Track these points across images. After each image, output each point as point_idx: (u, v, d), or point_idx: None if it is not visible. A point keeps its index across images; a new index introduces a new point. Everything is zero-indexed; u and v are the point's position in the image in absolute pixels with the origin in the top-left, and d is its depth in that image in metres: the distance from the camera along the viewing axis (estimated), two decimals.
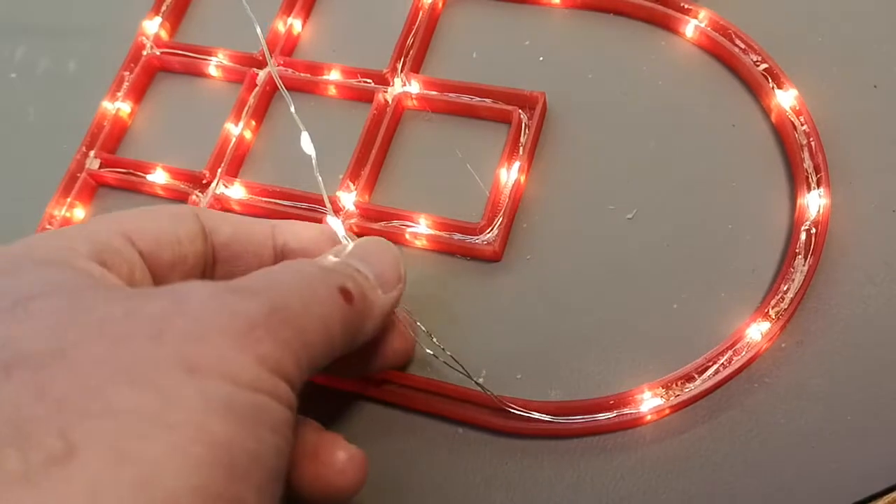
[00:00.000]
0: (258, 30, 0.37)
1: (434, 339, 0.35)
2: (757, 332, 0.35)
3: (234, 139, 0.44)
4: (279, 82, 0.37)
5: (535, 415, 0.35)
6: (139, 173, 0.45)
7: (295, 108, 0.33)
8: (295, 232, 0.35)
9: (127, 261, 0.29)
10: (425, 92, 0.43)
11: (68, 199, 0.45)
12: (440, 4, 0.46)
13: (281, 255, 0.35)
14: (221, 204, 0.43)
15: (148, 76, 0.49)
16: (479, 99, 0.42)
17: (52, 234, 0.29)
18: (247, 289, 0.26)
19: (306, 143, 0.34)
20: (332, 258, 0.32)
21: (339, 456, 0.30)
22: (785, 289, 0.36)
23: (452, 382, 0.36)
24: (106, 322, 0.24)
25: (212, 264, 0.34)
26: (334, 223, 0.34)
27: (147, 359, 0.23)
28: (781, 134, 0.39)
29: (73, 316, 0.24)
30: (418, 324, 0.35)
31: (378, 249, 0.33)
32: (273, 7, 0.47)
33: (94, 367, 0.22)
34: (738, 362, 0.35)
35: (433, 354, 0.35)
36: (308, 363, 0.26)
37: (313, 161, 0.34)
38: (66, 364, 0.22)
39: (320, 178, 0.34)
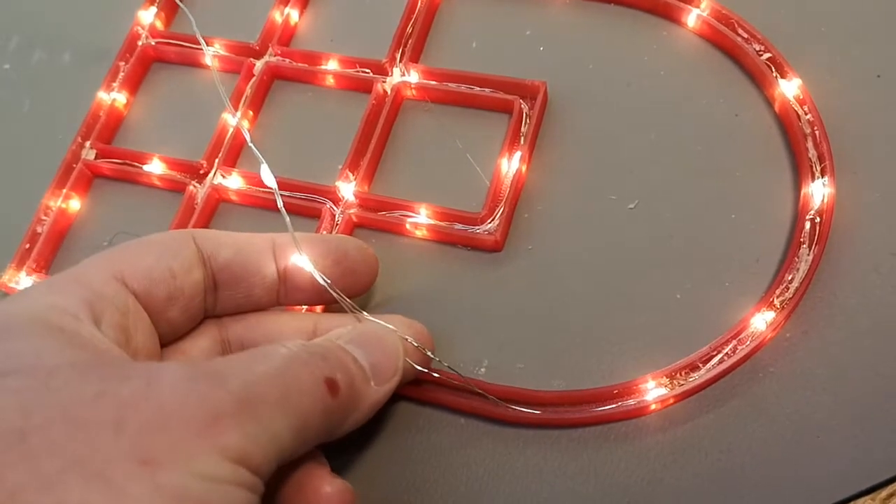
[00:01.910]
0: None
1: (428, 353, 0.34)
2: (761, 321, 0.35)
3: (231, 129, 0.44)
4: None
5: (537, 410, 0.35)
6: (136, 164, 0.44)
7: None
8: (295, 261, 0.34)
9: (119, 309, 0.30)
10: (424, 82, 0.43)
11: (64, 190, 0.44)
12: None
13: (283, 275, 0.34)
14: (219, 194, 0.43)
15: (144, 66, 0.48)
16: (479, 88, 0.42)
17: (48, 289, 0.30)
18: (222, 375, 0.26)
19: (267, 176, 0.34)
20: (327, 341, 0.31)
21: (324, 490, 0.30)
22: (789, 278, 0.35)
23: (454, 374, 0.36)
24: (73, 404, 0.24)
25: (213, 288, 0.34)
26: (302, 261, 0.34)
27: (103, 450, 0.23)
28: (785, 123, 0.39)
29: (40, 396, 0.24)
30: (409, 339, 0.34)
31: (378, 339, 0.32)
32: None
33: (50, 456, 0.23)
34: (742, 352, 0.34)
35: (426, 371, 0.35)
36: (277, 454, 0.26)
37: (276, 193, 0.33)
38: (24, 450, 0.23)
39: (285, 214, 0.33)
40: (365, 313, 0.34)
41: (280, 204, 0.33)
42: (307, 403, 0.28)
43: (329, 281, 0.33)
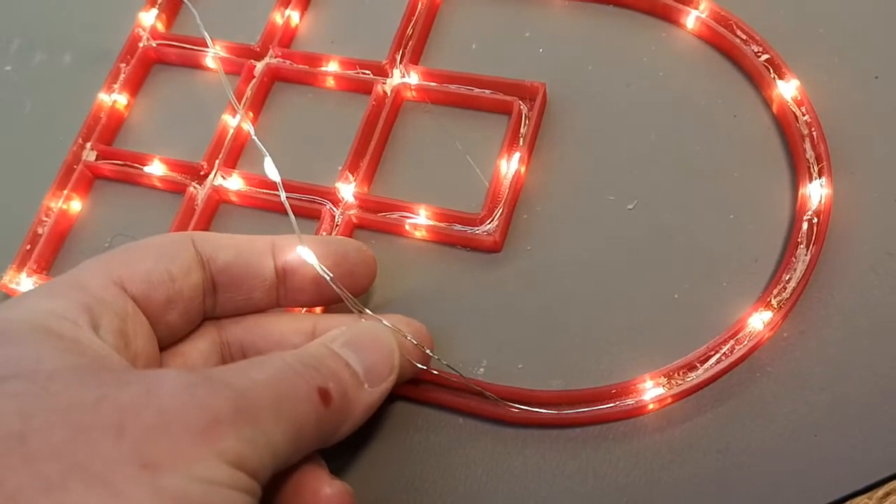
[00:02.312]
0: None
1: (428, 351, 0.35)
2: (759, 321, 0.35)
3: (231, 130, 0.44)
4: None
5: (535, 409, 0.35)
6: (136, 165, 0.45)
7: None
8: (296, 254, 0.34)
9: (118, 314, 0.30)
10: (424, 83, 0.43)
11: (65, 191, 0.45)
12: None
13: (283, 276, 0.35)
14: (220, 195, 0.43)
15: (144, 68, 0.48)
16: (478, 90, 0.42)
17: (47, 294, 0.30)
18: (220, 382, 0.26)
19: (270, 170, 0.34)
20: (322, 347, 0.31)
21: (323, 492, 0.30)
22: (787, 278, 0.36)
23: (453, 372, 0.36)
24: (73, 409, 0.24)
25: (212, 291, 0.34)
26: (305, 253, 0.34)
27: (104, 454, 0.23)
28: (783, 124, 0.39)
29: (40, 400, 0.24)
30: (409, 338, 0.34)
31: (372, 340, 0.33)
32: None
33: (51, 459, 0.23)
34: (740, 351, 0.35)
35: (424, 367, 0.35)
36: (273, 460, 0.27)
37: (280, 187, 0.33)
38: (24, 453, 0.23)
39: (290, 209, 0.33)
40: (367, 310, 0.34)
41: (283, 197, 0.33)
42: (301, 412, 0.28)
43: (331, 275, 0.33)
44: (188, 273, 0.33)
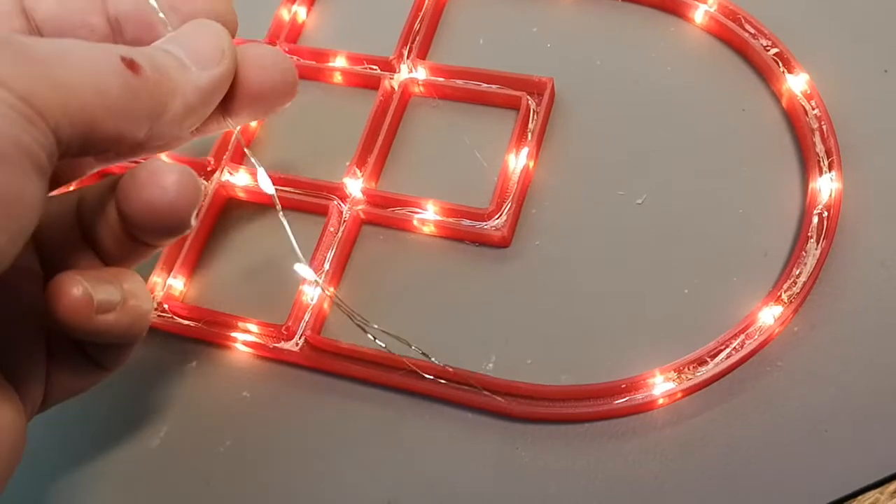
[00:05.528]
0: None
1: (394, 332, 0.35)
2: (769, 315, 0.35)
3: (238, 127, 0.44)
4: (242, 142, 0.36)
5: (544, 403, 0.35)
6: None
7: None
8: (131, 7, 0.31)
9: None
10: (432, 78, 0.43)
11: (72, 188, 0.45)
12: None
13: (117, 26, 0.32)
14: (227, 191, 0.43)
15: None
16: (486, 85, 0.42)
17: None
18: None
19: (264, 181, 0.33)
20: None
21: (71, 292, 0.27)
22: (797, 273, 0.35)
23: (463, 368, 0.36)
24: None
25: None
26: (303, 270, 0.33)
27: None
28: (792, 118, 0.39)
29: None
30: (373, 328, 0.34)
31: (194, 27, 0.30)
32: None
33: None
34: (750, 346, 0.35)
35: (420, 351, 0.35)
36: (78, 112, 0.24)
37: (275, 198, 0.33)
38: None
39: (286, 223, 0.33)
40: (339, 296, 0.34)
41: (279, 207, 0.33)
42: (99, 68, 0.25)
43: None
44: (9, 20, 0.30)
